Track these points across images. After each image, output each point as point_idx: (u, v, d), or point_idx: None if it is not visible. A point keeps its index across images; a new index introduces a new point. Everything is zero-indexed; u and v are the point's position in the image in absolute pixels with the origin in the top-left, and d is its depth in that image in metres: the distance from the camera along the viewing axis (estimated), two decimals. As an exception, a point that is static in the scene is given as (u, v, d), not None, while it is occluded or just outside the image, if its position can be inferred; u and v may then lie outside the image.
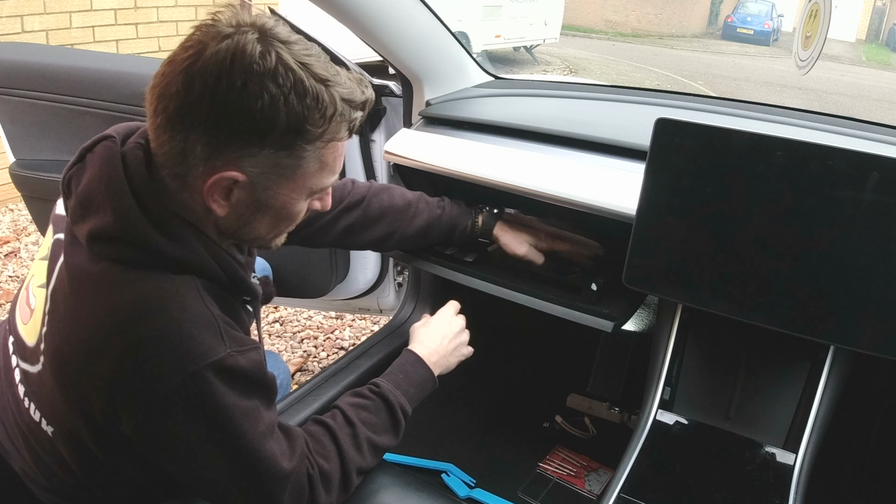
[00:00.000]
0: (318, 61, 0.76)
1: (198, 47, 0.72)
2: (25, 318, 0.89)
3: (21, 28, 3.50)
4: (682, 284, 1.09)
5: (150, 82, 0.77)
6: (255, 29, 0.73)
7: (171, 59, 0.74)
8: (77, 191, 0.80)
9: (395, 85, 1.59)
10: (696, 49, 13.49)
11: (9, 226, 3.45)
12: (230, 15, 0.74)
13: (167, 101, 0.73)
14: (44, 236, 0.98)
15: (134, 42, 4.11)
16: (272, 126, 0.73)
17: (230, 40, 0.72)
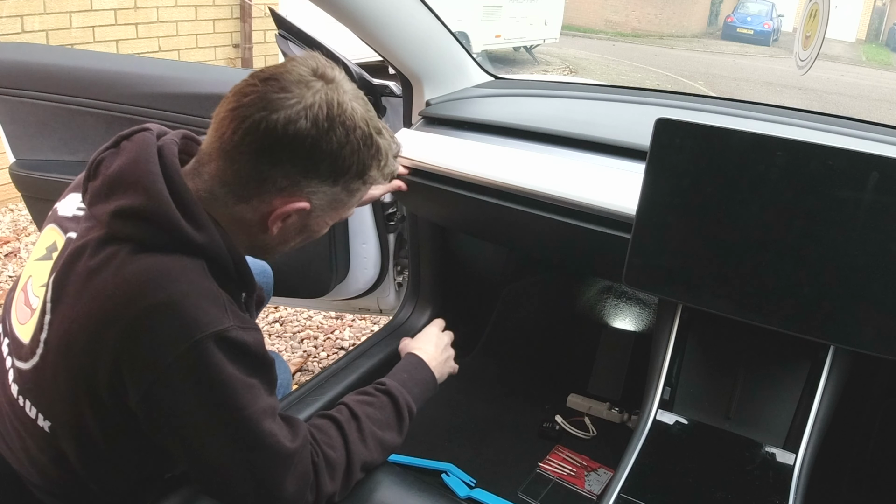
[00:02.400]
0: (371, 109, 0.87)
1: (293, 92, 0.80)
2: (23, 319, 0.89)
3: (21, 28, 3.51)
4: (682, 284, 1.09)
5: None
6: (329, 82, 0.83)
7: (263, 95, 0.80)
8: (107, 172, 0.82)
9: (395, 85, 1.59)
10: (696, 49, 13.49)
11: (9, 226, 3.45)
12: (310, 65, 0.83)
13: (258, 134, 0.79)
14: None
15: (134, 42, 4.11)
16: (348, 170, 0.85)
17: (324, 93, 0.81)
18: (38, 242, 0.94)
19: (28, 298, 0.90)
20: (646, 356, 1.32)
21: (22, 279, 0.94)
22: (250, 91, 0.80)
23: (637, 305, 1.86)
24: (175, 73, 1.63)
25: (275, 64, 0.86)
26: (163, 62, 1.75)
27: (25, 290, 0.91)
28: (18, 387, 0.88)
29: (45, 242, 0.92)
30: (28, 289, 0.90)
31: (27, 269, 0.93)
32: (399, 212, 1.76)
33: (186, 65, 1.76)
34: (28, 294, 0.90)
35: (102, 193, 0.82)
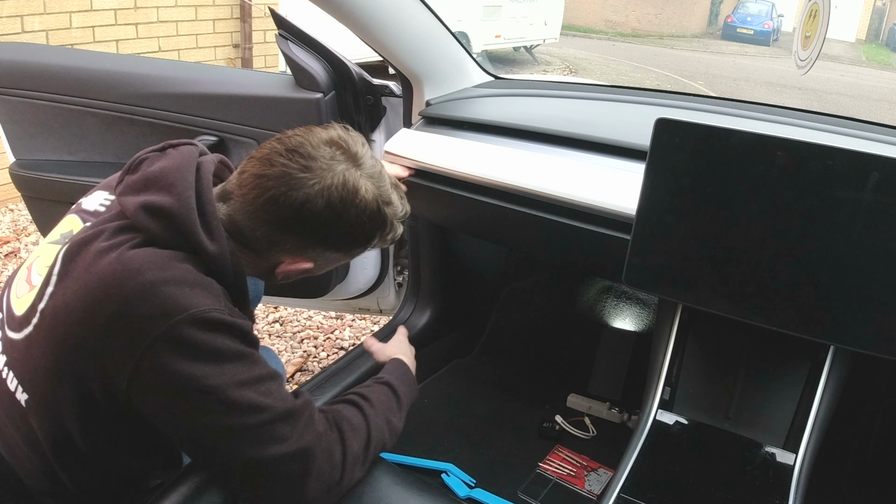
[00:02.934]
0: (384, 182, 0.94)
1: (315, 172, 0.86)
2: (21, 293, 0.91)
3: (21, 28, 3.51)
4: (682, 284, 1.09)
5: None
6: (350, 158, 0.90)
7: (287, 172, 0.86)
8: (147, 170, 0.89)
9: (395, 85, 1.59)
10: (696, 49, 13.49)
11: (9, 226, 3.45)
12: (336, 138, 0.90)
13: (277, 207, 0.86)
14: (44, 235, 0.98)
15: (134, 42, 4.12)
16: (354, 241, 0.95)
17: (342, 176, 0.88)
18: (54, 229, 0.97)
19: (31, 275, 0.92)
20: (646, 356, 1.32)
21: (29, 260, 0.96)
22: (277, 163, 0.87)
23: (637, 305, 1.86)
24: (175, 73, 1.63)
25: (304, 128, 0.92)
26: (163, 62, 1.75)
27: (30, 268, 0.93)
28: (6, 358, 0.90)
29: (61, 229, 0.95)
30: (32, 267, 0.93)
31: (38, 250, 0.96)
32: (399, 212, 1.76)
33: (186, 65, 1.76)
34: (31, 272, 0.92)
35: (137, 187, 0.88)
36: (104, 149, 1.73)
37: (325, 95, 1.52)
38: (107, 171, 1.69)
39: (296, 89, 1.53)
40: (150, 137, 1.68)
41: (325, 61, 1.54)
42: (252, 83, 1.60)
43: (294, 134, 0.90)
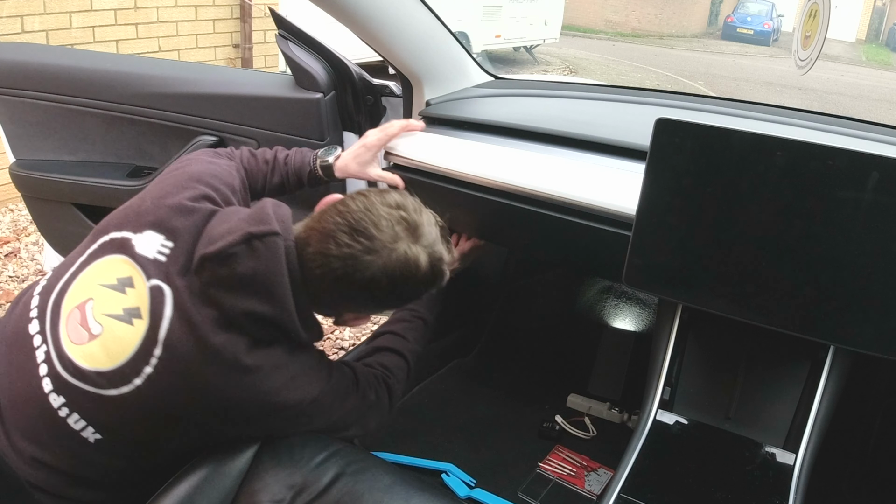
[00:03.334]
0: (438, 245, 1.00)
1: (380, 253, 0.94)
2: (79, 340, 0.94)
3: (21, 28, 3.51)
4: (682, 284, 1.09)
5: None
6: (411, 233, 0.96)
7: (351, 255, 0.93)
8: (239, 270, 0.92)
9: (395, 85, 1.59)
10: (696, 49, 13.48)
11: (9, 226, 3.45)
12: (402, 215, 0.96)
13: (342, 283, 0.95)
14: (44, 236, 1.00)
15: (134, 42, 4.11)
16: (410, 300, 1.08)
17: (404, 254, 0.95)
18: (101, 266, 0.98)
19: (86, 320, 0.95)
20: (646, 356, 1.32)
21: (75, 293, 0.97)
22: (341, 242, 0.93)
23: (637, 305, 1.86)
24: (175, 73, 1.63)
25: (365, 197, 0.97)
26: (163, 62, 1.75)
27: (83, 311, 0.95)
28: (65, 399, 0.93)
29: (114, 271, 0.96)
30: (87, 311, 0.95)
31: (84, 286, 0.97)
32: (399, 212, 1.76)
33: (186, 65, 1.76)
34: (87, 316, 0.95)
35: (231, 287, 0.92)
36: (104, 149, 1.73)
37: (325, 95, 1.52)
38: (107, 171, 1.71)
39: (296, 89, 1.53)
40: (150, 137, 1.68)
41: (325, 61, 1.54)
42: (252, 83, 1.60)
43: (356, 207, 0.95)
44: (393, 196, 0.98)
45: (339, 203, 0.97)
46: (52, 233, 1.86)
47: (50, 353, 0.95)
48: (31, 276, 2.99)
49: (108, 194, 1.69)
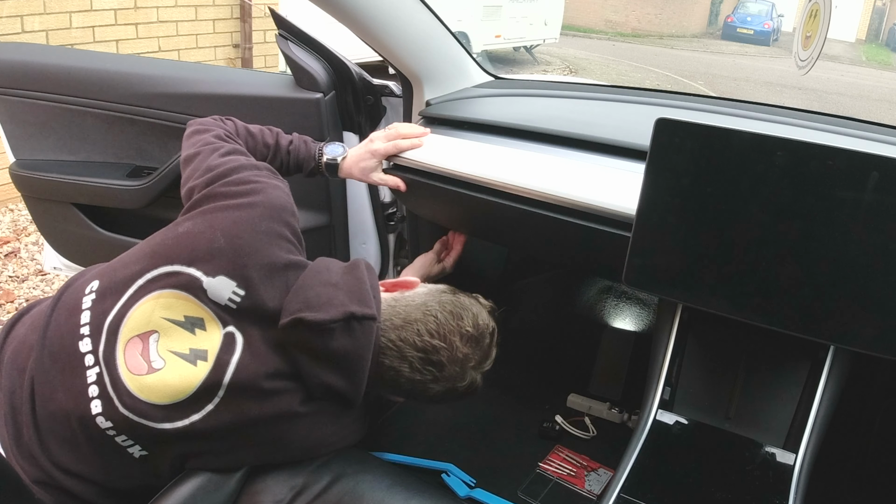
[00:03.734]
0: (489, 358, 1.08)
1: (448, 380, 1.03)
2: (137, 370, 0.95)
3: (21, 28, 3.51)
4: (682, 284, 1.09)
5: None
6: (480, 360, 1.06)
7: (420, 378, 1.02)
8: (332, 345, 0.96)
9: (395, 85, 1.59)
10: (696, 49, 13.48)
11: (9, 226, 3.45)
12: (474, 334, 1.04)
13: (408, 395, 1.05)
14: (44, 236, 1.00)
15: (134, 42, 4.12)
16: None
17: (468, 382, 1.04)
18: (165, 299, 0.98)
19: (148, 352, 0.96)
20: (646, 356, 1.32)
21: (137, 322, 0.97)
22: (414, 366, 1.01)
23: (637, 305, 1.86)
24: (175, 73, 1.63)
25: (443, 336, 1.02)
26: (163, 62, 1.75)
27: (146, 342, 0.96)
28: (114, 424, 0.95)
29: (182, 309, 0.97)
30: (151, 344, 0.96)
31: (146, 316, 0.97)
32: (399, 212, 1.76)
33: (186, 65, 1.76)
34: (150, 349, 0.96)
35: (318, 357, 0.96)
36: (104, 149, 1.73)
37: (325, 95, 1.52)
38: (107, 171, 1.71)
39: (296, 89, 1.53)
40: (150, 137, 1.68)
41: (325, 61, 1.54)
42: (252, 83, 1.60)
43: (435, 326, 1.01)
44: (475, 314, 1.05)
45: (422, 314, 1.02)
46: (52, 233, 1.86)
47: (103, 377, 0.96)
48: (31, 276, 2.99)
49: (108, 194, 1.69)
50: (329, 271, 1.02)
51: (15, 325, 1.08)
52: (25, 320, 1.08)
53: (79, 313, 1.00)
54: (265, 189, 1.07)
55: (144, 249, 1.04)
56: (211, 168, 1.09)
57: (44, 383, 0.98)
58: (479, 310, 1.07)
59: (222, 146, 1.15)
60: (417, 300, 1.05)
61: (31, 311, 1.11)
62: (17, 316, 1.10)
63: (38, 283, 2.95)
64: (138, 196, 1.67)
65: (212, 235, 1.00)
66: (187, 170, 1.14)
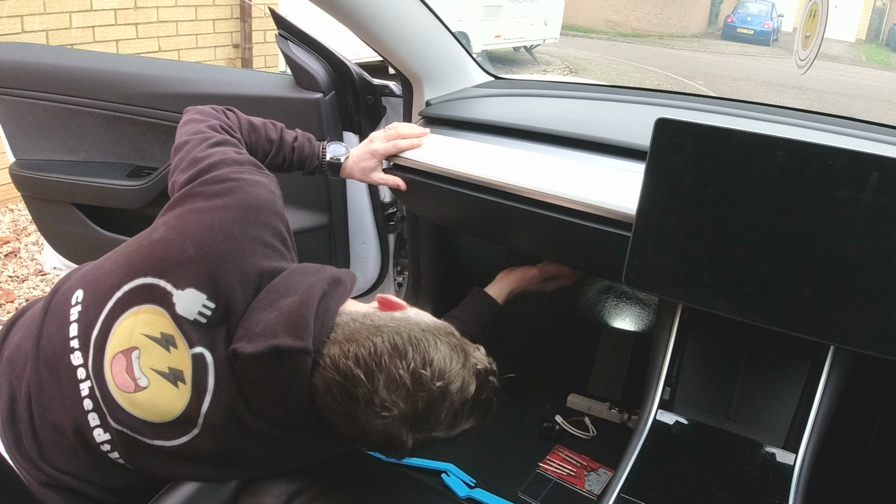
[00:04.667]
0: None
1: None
2: (125, 387, 0.94)
3: (21, 28, 3.51)
4: (682, 284, 1.09)
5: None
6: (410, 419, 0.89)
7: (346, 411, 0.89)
8: (264, 378, 0.91)
9: (395, 85, 1.59)
10: (696, 49, 13.48)
11: (9, 226, 3.45)
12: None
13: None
14: (44, 236, 0.98)
15: (134, 42, 4.12)
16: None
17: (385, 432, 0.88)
18: (142, 315, 0.94)
19: (132, 369, 0.94)
20: (646, 356, 1.32)
21: (120, 338, 0.95)
22: (335, 391, 0.88)
23: (637, 305, 1.86)
24: (175, 72, 1.63)
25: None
26: (162, 62, 1.75)
27: (129, 359, 0.94)
28: (111, 437, 0.95)
29: (157, 324, 0.93)
30: (133, 361, 0.94)
31: (128, 332, 0.94)
32: (399, 212, 1.76)
33: (186, 65, 1.76)
34: (133, 366, 0.94)
35: (255, 388, 0.91)
36: (104, 149, 1.73)
37: (325, 95, 1.52)
38: (106, 171, 1.71)
39: (296, 89, 1.53)
40: (150, 137, 1.68)
41: (325, 61, 1.54)
42: (252, 83, 1.60)
43: (366, 352, 0.87)
44: (426, 362, 0.87)
45: (365, 336, 0.89)
46: (52, 233, 1.86)
47: (95, 391, 0.95)
48: (31, 276, 2.99)
49: (107, 194, 1.69)
50: (288, 289, 0.93)
51: (10, 329, 1.08)
52: (20, 325, 1.07)
53: (67, 325, 0.98)
54: (243, 187, 0.99)
55: (121, 257, 1.00)
56: (195, 161, 1.04)
57: (40, 394, 0.98)
58: (451, 362, 0.89)
59: (212, 136, 1.10)
60: (379, 322, 0.91)
61: (24, 314, 1.10)
62: (13, 319, 1.10)
63: (38, 283, 2.95)
64: (138, 196, 1.67)
65: (182, 243, 0.94)
66: (174, 160, 1.10)
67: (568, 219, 1.21)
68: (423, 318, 0.96)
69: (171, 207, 1.02)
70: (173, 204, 1.02)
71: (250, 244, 0.95)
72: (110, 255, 1.04)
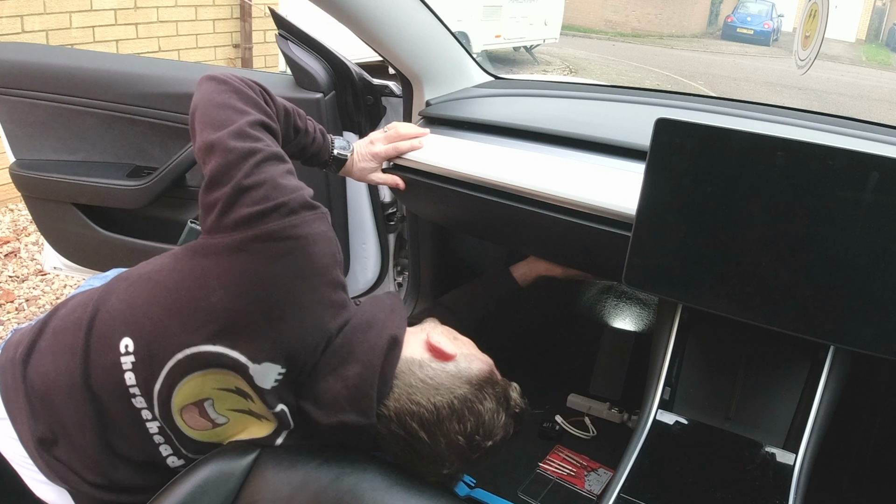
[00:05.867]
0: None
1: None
2: (201, 427, 0.99)
3: (21, 28, 3.51)
4: (682, 284, 1.09)
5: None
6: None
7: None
8: (331, 438, 1.01)
9: (395, 85, 1.59)
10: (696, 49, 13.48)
11: (9, 226, 3.45)
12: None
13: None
14: (44, 236, 0.99)
15: (134, 42, 4.12)
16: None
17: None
18: (213, 376, 0.95)
19: (206, 413, 0.98)
20: (646, 356, 1.32)
21: (186, 394, 0.96)
22: (397, 431, 0.98)
23: (637, 305, 1.86)
24: (175, 73, 1.63)
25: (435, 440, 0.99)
26: (163, 62, 1.76)
27: (201, 407, 0.98)
28: (185, 462, 1.01)
29: (233, 381, 0.96)
30: (207, 408, 0.98)
31: (196, 389, 0.96)
32: (399, 212, 1.76)
33: (186, 65, 1.76)
34: (207, 411, 0.98)
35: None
36: (104, 148, 1.73)
37: (325, 95, 1.52)
38: (106, 170, 1.71)
39: (296, 89, 1.53)
40: (150, 137, 1.68)
41: (324, 61, 1.54)
42: (252, 83, 1.60)
43: (430, 416, 0.97)
44: (477, 427, 0.99)
45: (427, 399, 0.98)
46: (52, 233, 1.86)
47: (165, 430, 0.99)
48: (31, 276, 2.99)
49: (107, 194, 1.69)
50: (350, 353, 0.97)
51: (29, 360, 1.02)
52: (41, 361, 1.01)
53: (121, 372, 0.97)
54: (305, 248, 0.94)
55: (172, 309, 0.95)
56: (241, 191, 0.93)
57: (102, 427, 0.99)
58: (497, 417, 1.01)
59: (257, 150, 0.97)
60: (436, 381, 1.00)
61: (37, 343, 1.03)
62: (27, 351, 1.02)
63: (38, 283, 2.95)
64: (138, 196, 1.67)
65: (248, 313, 0.92)
66: (209, 164, 0.96)
67: (568, 219, 1.21)
68: (471, 367, 1.05)
69: (221, 253, 0.93)
70: (224, 250, 0.93)
71: (319, 309, 0.96)
72: (151, 293, 0.98)
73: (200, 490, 0.94)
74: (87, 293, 1.06)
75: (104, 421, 0.98)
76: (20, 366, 1.01)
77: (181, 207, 1.74)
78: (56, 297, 2.86)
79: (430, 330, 1.07)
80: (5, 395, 1.00)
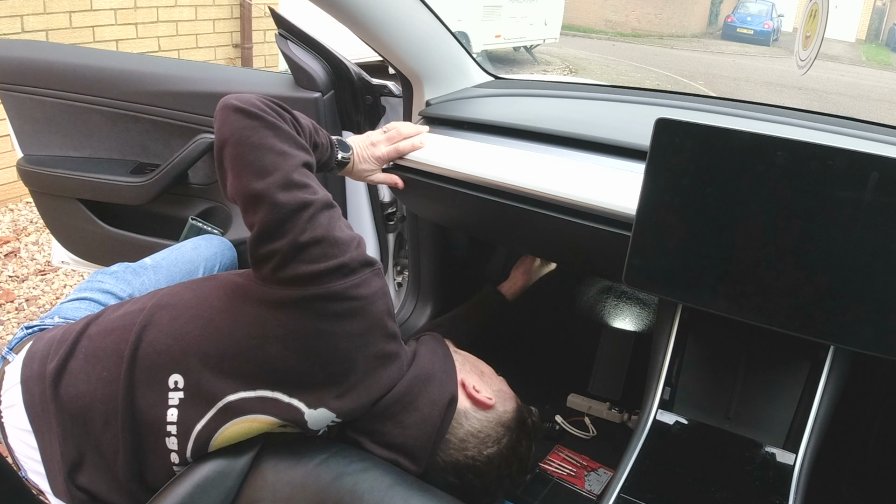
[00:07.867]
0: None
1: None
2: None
3: (21, 28, 3.51)
4: (682, 284, 1.09)
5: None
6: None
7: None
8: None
9: (394, 85, 1.59)
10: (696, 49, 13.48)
11: (9, 226, 3.45)
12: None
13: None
14: (51, 231, 0.99)
15: (134, 42, 4.12)
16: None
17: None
18: (263, 418, 0.97)
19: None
20: (646, 356, 1.32)
21: (231, 434, 0.98)
22: (450, 469, 1.07)
23: (637, 305, 1.86)
24: (178, 71, 1.64)
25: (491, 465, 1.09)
26: (167, 60, 1.76)
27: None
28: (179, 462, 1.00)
29: (281, 424, 0.98)
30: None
31: (246, 431, 0.98)
32: (399, 212, 1.77)
33: (189, 63, 1.77)
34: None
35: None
36: (109, 145, 1.75)
37: (324, 95, 1.53)
38: (111, 167, 1.72)
39: (295, 89, 1.53)
40: (154, 134, 1.69)
41: (324, 61, 1.54)
42: (252, 82, 1.61)
43: (482, 464, 1.07)
44: (521, 463, 1.12)
45: (477, 450, 1.07)
46: (59, 228, 1.87)
47: (186, 458, 1.00)
48: (31, 276, 3.00)
49: (112, 190, 1.70)
50: (411, 402, 1.03)
51: (60, 379, 1.00)
52: (73, 382, 1.00)
53: (165, 408, 0.97)
54: (365, 308, 0.95)
55: (226, 354, 0.95)
56: (300, 247, 0.92)
57: (138, 460, 0.99)
58: (530, 451, 1.15)
59: (308, 203, 0.95)
60: (484, 431, 1.09)
61: (69, 362, 1.01)
62: (58, 369, 1.00)
63: (38, 283, 2.95)
64: (141, 192, 1.68)
65: (309, 368, 0.94)
66: (258, 216, 0.93)
67: (568, 219, 1.21)
68: (507, 410, 1.14)
69: (279, 306, 0.93)
70: (281, 303, 0.93)
71: (378, 363, 0.99)
72: (202, 332, 0.97)
73: (200, 490, 0.94)
74: (123, 318, 1.03)
75: (139, 451, 0.98)
76: (51, 385, 0.99)
77: (183, 204, 1.74)
78: (56, 296, 2.86)
79: (464, 375, 1.14)
80: (31, 410, 0.99)
